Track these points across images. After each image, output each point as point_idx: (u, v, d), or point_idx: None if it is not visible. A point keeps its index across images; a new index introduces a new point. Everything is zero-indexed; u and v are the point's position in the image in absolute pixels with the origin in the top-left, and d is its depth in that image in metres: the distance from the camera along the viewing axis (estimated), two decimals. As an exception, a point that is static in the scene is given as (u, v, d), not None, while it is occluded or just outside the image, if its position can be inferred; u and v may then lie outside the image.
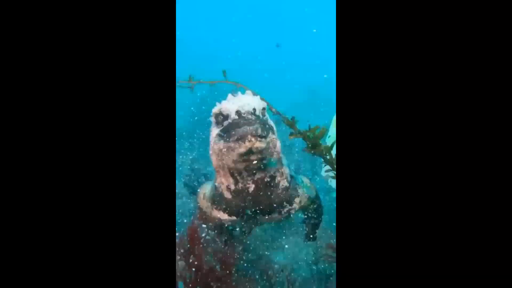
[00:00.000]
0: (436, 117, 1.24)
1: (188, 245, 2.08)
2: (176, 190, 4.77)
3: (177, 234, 2.17)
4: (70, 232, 1.24)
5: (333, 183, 4.30)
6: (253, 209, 2.04)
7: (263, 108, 1.78)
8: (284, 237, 3.50)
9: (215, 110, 1.77)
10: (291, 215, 2.26)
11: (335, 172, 2.00)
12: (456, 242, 1.21)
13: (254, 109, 1.69)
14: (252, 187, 1.93)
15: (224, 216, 2.15)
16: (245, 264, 3.11)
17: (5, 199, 1.21)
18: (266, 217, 2.12)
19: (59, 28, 1.26)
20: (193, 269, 2.01)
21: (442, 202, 1.22)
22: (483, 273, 1.18)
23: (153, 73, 1.32)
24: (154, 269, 1.28)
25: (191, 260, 2.02)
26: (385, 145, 1.27)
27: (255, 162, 1.77)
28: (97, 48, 1.28)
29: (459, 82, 1.23)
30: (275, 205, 2.06)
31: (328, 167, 2.09)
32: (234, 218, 2.13)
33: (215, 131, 1.79)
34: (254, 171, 1.86)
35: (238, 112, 1.67)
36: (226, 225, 2.35)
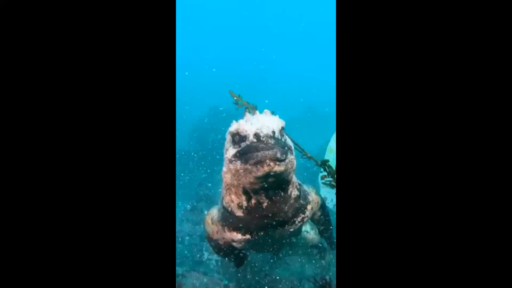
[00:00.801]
0: (436, 122, 1.23)
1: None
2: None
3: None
4: (69, 236, 1.24)
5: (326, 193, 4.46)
6: (268, 224, 2.00)
7: (282, 128, 1.74)
8: (288, 254, 3.56)
9: (231, 129, 1.73)
10: (304, 224, 2.24)
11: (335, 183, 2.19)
12: (454, 250, 1.21)
13: (274, 132, 1.64)
14: (266, 202, 1.88)
15: (237, 236, 2.09)
16: (252, 281, 3.19)
17: (5, 199, 1.21)
18: (281, 229, 2.08)
19: (59, 28, 1.26)
20: None
21: (440, 208, 1.22)
22: (483, 274, 1.18)
23: (153, 75, 1.31)
24: (153, 275, 1.28)
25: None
26: (384, 154, 1.27)
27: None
28: (98, 49, 1.28)
29: (462, 90, 1.22)
30: (288, 215, 2.02)
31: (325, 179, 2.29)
32: (248, 236, 2.07)
33: (231, 151, 1.74)
34: (270, 190, 1.83)
35: (256, 135, 1.62)
36: (238, 247, 2.30)
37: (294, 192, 2.01)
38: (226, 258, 2.60)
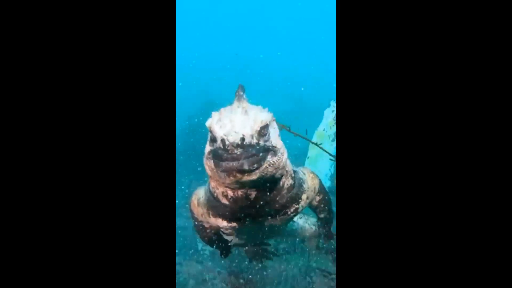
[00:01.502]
0: (436, 119, 1.23)
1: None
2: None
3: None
4: (69, 236, 1.24)
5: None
6: (257, 214, 1.85)
7: (262, 128, 1.53)
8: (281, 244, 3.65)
9: (207, 124, 1.58)
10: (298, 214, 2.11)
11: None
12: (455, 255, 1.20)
13: (243, 138, 1.44)
14: (254, 193, 1.69)
15: (223, 223, 1.94)
16: (244, 268, 3.34)
17: (5, 199, 1.20)
18: (271, 219, 1.94)
19: (59, 27, 1.26)
20: None
21: (440, 206, 1.22)
22: (483, 275, 1.17)
23: (152, 74, 1.32)
24: (153, 274, 1.30)
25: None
26: (383, 149, 1.26)
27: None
28: (98, 49, 1.27)
29: (462, 88, 1.21)
30: (280, 206, 1.87)
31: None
32: (234, 224, 1.93)
33: (207, 147, 1.63)
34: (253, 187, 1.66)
35: (222, 141, 1.45)
36: (224, 233, 2.22)
37: (287, 182, 1.84)
38: (211, 246, 2.43)
